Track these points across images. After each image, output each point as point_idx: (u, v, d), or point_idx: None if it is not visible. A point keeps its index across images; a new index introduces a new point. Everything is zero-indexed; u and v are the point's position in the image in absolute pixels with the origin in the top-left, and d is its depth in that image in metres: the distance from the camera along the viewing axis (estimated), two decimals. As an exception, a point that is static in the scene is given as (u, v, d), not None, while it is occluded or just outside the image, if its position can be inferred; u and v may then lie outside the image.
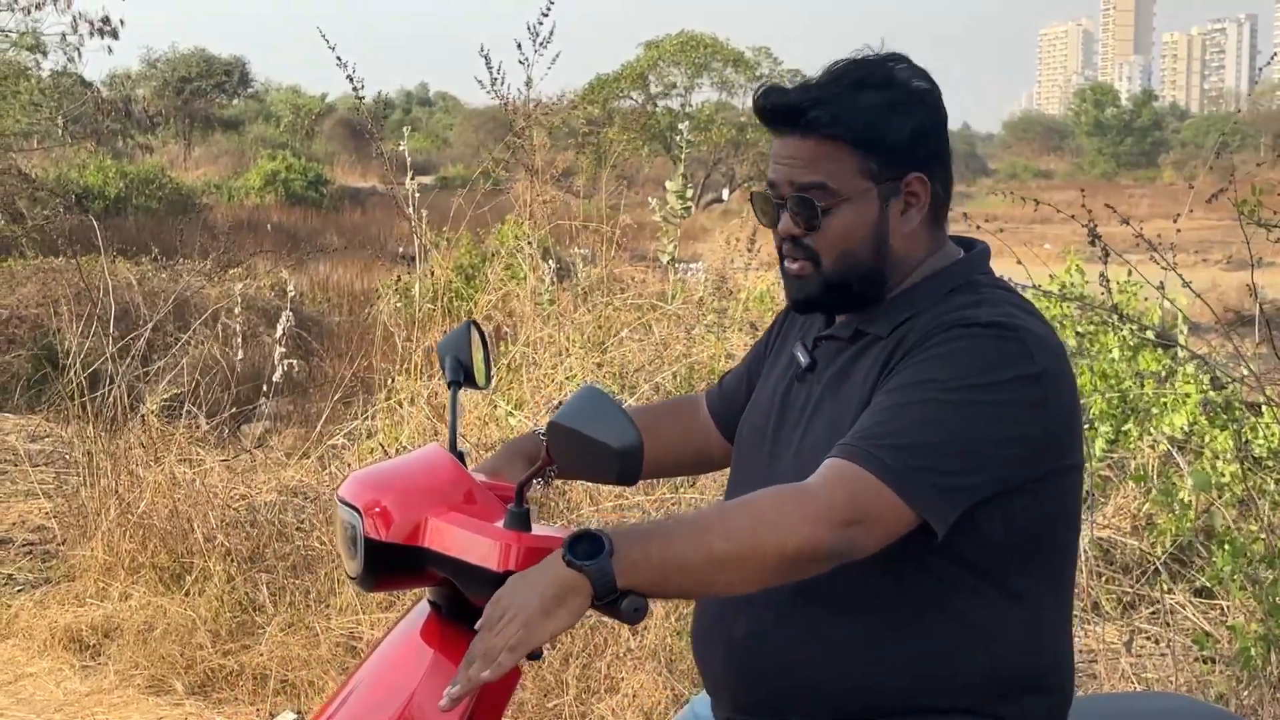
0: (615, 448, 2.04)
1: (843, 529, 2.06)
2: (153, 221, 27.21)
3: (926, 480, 2.10)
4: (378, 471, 2.43)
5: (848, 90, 2.32)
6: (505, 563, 2.17)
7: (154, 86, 53.10)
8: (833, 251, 2.35)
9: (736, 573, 2.07)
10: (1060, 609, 2.38)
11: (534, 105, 7.84)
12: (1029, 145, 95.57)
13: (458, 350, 2.67)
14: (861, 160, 2.31)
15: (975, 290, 2.34)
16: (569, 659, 5.02)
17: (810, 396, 2.43)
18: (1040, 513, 2.27)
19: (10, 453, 9.23)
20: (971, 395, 2.15)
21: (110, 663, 5.67)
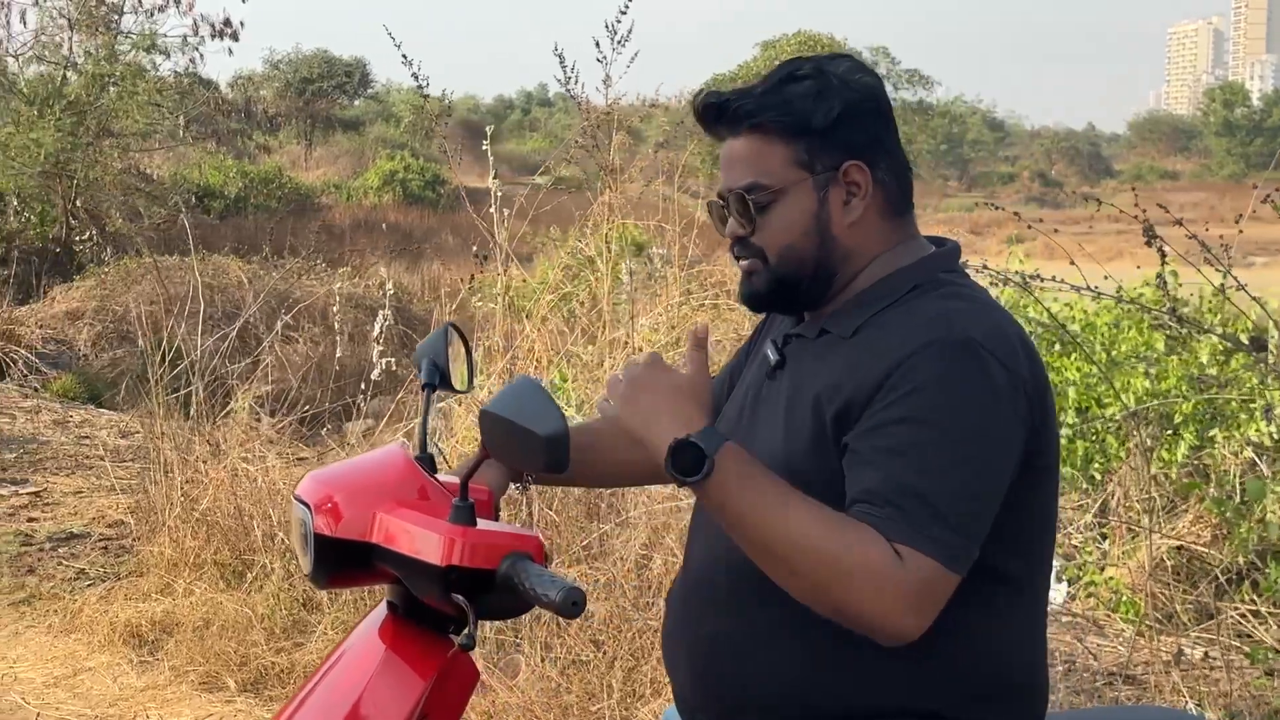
0: (541, 435, 2.01)
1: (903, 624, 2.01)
2: (270, 221, 27.57)
3: (972, 547, 2.06)
4: (333, 469, 2.41)
5: (775, 84, 2.31)
6: (448, 557, 2.13)
7: (276, 88, 53.84)
8: (776, 246, 2.31)
9: (786, 573, 2.05)
10: (1033, 613, 2.30)
11: (612, 104, 7.77)
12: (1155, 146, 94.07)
13: (434, 354, 2.66)
14: (790, 149, 2.28)
15: (938, 289, 2.27)
16: (614, 662, 4.96)
17: (779, 393, 2.37)
18: (1015, 517, 2.18)
19: (101, 447, 9.35)
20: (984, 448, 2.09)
21: (167, 659, 5.69)
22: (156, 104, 23.56)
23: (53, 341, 15.04)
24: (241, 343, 9.46)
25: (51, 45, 23.16)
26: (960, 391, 2.10)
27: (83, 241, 20.51)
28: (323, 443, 9.11)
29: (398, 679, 2.25)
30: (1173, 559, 6.09)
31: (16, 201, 20.39)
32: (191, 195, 26.55)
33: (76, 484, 8.55)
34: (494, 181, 7.90)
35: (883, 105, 2.34)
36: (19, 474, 8.76)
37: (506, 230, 7.47)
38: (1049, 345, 7.51)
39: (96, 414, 10.96)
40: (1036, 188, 67.31)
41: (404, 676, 2.25)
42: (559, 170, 11.51)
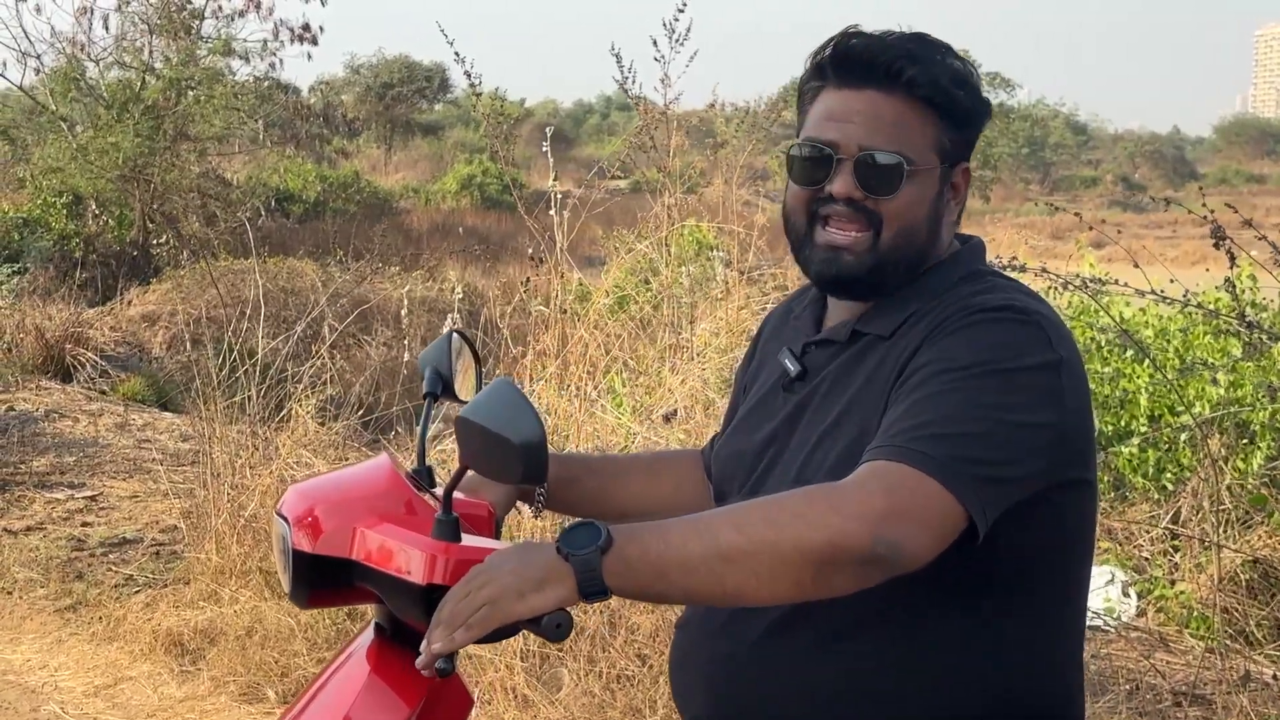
0: (516, 442, 1.87)
1: (882, 523, 1.80)
2: (349, 225, 27.68)
3: (971, 471, 1.86)
4: (315, 483, 2.28)
5: (939, 55, 2.13)
6: (430, 575, 1.99)
7: (357, 92, 54.03)
8: (897, 222, 2.12)
9: (749, 570, 1.83)
10: (1071, 635, 2.15)
11: (670, 103, 7.63)
12: (1242, 149, 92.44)
13: (437, 362, 2.52)
14: (940, 134, 2.13)
15: (981, 279, 2.13)
16: (659, 677, 4.81)
17: (804, 404, 2.19)
18: (1056, 528, 2.04)
19: (160, 451, 9.31)
20: (1000, 380, 1.93)
21: (207, 668, 5.61)
22: (235, 108, 23.64)
23: (124, 344, 15.09)
24: (309, 346, 9.39)
25: (132, 50, 23.34)
26: (990, 337, 1.97)
27: (160, 245, 20.63)
28: (386, 446, 9.02)
29: (382, 705, 2.13)
30: (1246, 573, 5.87)
31: (95, 205, 20.53)
32: (270, 199, 26.68)
33: (133, 488, 8.51)
34: (553, 184, 7.79)
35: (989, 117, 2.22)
36: (77, 478, 8.73)
37: (563, 232, 7.35)
38: (1120, 351, 7.29)
39: (158, 417, 10.93)
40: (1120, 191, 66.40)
41: (388, 703, 2.13)
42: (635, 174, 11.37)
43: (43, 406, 10.71)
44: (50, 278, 17.67)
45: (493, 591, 1.84)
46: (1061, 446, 1.97)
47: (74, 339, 13.30)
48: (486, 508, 2.39)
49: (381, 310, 15.31)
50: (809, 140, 2.16)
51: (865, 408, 2.05)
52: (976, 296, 2.04)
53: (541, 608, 1.84)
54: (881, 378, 2.05)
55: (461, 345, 2.57)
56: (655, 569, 1.83)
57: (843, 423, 2.08)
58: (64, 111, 22.49)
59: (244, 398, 7.26)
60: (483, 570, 1.88)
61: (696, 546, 1.83)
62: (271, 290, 15.52)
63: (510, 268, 25.27)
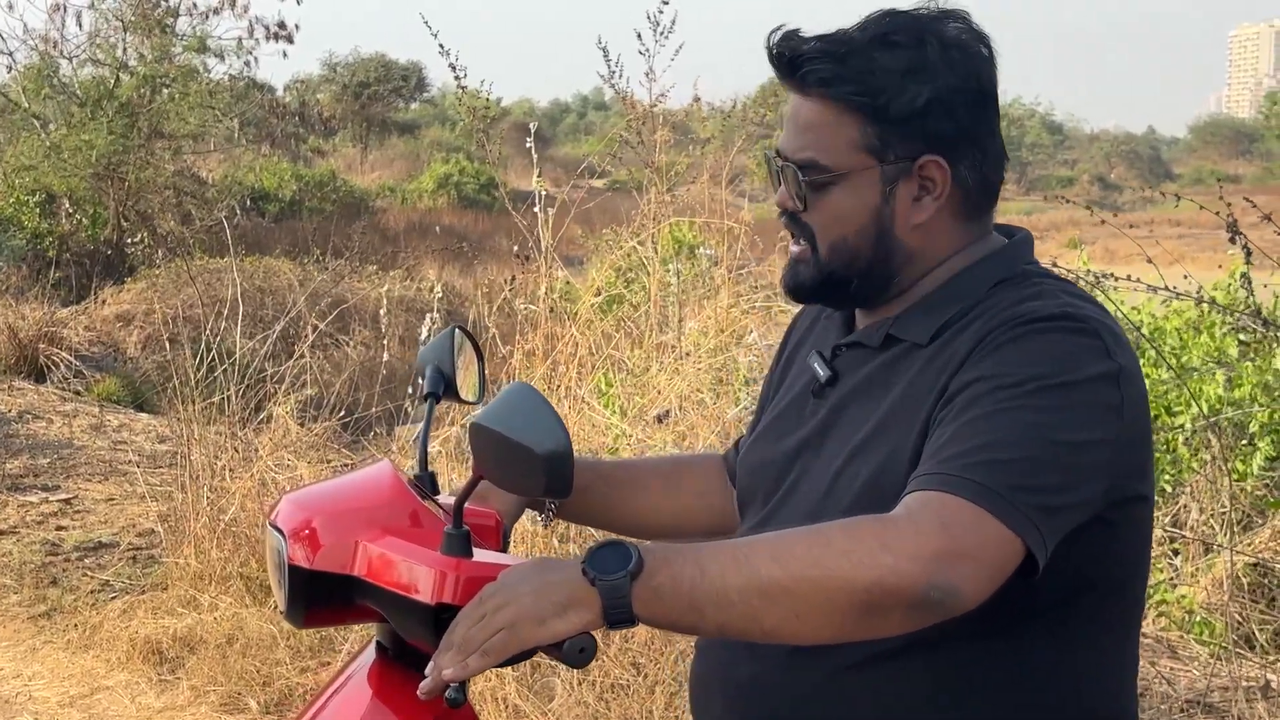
0: (539, 453, 1.72)
1: (937, 564, 1.64)
2: (325, 224, 27.48)
3: (1029, 501, 1.70)
4: (313, 491, 2.13)
5: (867, 45, 1.92)
6: (440, 594, 1.84)
7: (333, 91, 53.82)
8: (827, 236, 1.98)
9: (790, 609, 1.67)
10: (1125, 660, 2.00)
11: (656, 100, 7.49)
12: (1216, 149, 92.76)
13: (439, 360, 2.34)
14: (861, 131, 1.93)
15: (1026, 282, 1.95)
16: (655, 688, 4.67)
17: (836, 413, 2.03)
18: (1111, 548, 1.88)
19: (137, 453, 9.14)
20: (1055, 398, 1.76)
21: (187, 677, 5.45)
22: (209, 106, 23.46)
23: (98, 344, 14.90)
24: (289, 345, 9.24)
25: (106, 47, 23.14)
26: (1043, 349, 1.80)
27: (134, 244, 20.42)
28: (367, 447, 8.87)
29: None
30: (1249, 577, 5.76)
31: (69, 203, 20.30)
32: (246, 198, 26.47)
33: (109, 491, 8.33)
34: (537, 182, 7.65)
35: (985, 89, 1.97)
36: (51, 480, 8.54)
37: (548, 231, 7.20)
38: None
39: (134, 418, 10.75)
40: (1095, 191, 66.46)
41: None
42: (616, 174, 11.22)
43: (15, 408, 10.52)
44: (23, 277, 17.47)
45: (511, 614, 1.69)
46: (1121, 463, 1.82)
47: (48, 339, 13.11)
48: (494, 517, 2.24)
49: (359, 310, 15.15)
50: None
51: (902, 422, 1.90)
52: (1025, 304, 1.88)
53: (563, 633, 1.69)
54: (921, 391, 1.90)
55: (463, 341, 2.40)
56: (688, 600, 1.68)
57: (877, 437, 1.92)
58: (37, 109, 22.28)
59: (222, 398, 7.10)
60: (499, 590, 1.73)
61: (734, 579, 1.68)
62: (248, 289, 15.34)
63: (489, 267, 25.12)
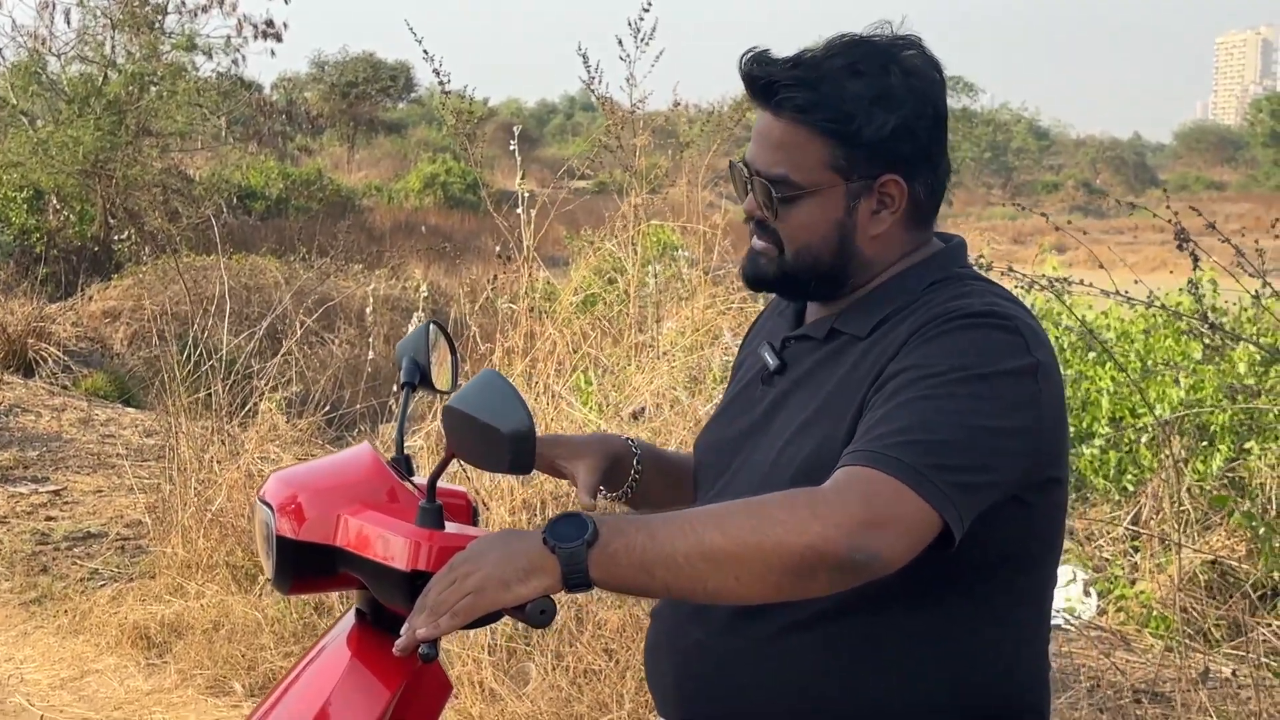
0: (505, 432, 1.91)
1: (860, 531, 1.83)
2: (312, 223, 27.56)
3: (947, 479, 1.89)
4: (298, 469, 2.32)
5: (835, 74, 2.11)
6: (414, 561, 2.03)
7: (321, 90, 53.83)
8: (793, 243, 2.18)
9: (731, 571, 1.86)
10: (1038, 632, 2.19)
11: (636, 104, 7.65)
12: (1202, 156, 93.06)
13: (415, 352, 2.54)
14: (831, 153, 2.12)
15: (958, 283, 2.15)
16: (626, 673, 4.84)
17: (780, 399, 2.23)
18: (1026, 526, 2.07)
19: (125, 446, 9.29)
20: (976, 387, 1.96)
21: (174, 661, 5.61)
22: (197, 104, 23.55)
23: (86, 339, 15.03)
24: (275, 343, 9.38)
25: (94, 44, 23.25)
26: (968, 343, 2.00)
27: (121, 241, 20.54)
28: (351, 444, 9.02)
29: (362, 690, 2.16)
30: (1205, 574, 5.94)
31: (56, 200, 20.42)
32: (233, 196, 26.54)
33: (97, 483, 8.49)
34: (520, 182, 7.80)
35: (940, 113, 2.18)
36: (40, 472, 8.71)
37: (531, 231, 7.36)
38: (1083, 353, 7.36)
39: (121, 412, 10.90)
40: (1081, 197, 66.70)
41: (369, 687, 2.16)
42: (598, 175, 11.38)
43: (5, 401, 10.66)
44: (11, 273, 17.59)
45: (479, 579, 1.87)
46: (1037, 450, 2.00)
47: (36, 334, 13.24)
48: (465, 497, 2.43)
49: (345, 308, 15.28)
50: (743, 157, 2.22)
51: (839, 407, 2.08)
52: (955, 300, 2.07)
53: (526, 596, 1.87)
54: (857, 379, 2.08)
55: (438, 336, 2.59)
56: (639, 564, 1.86)
57: (817, 420, 2.11)
58: (24, 106, 22.37)
59: (208, 394, 7.26)
60: (468, 557, 1.90)
61: (681, 544, 1.86)
62: (235, 287, 15.48)
63: (474, 267, 25.25)
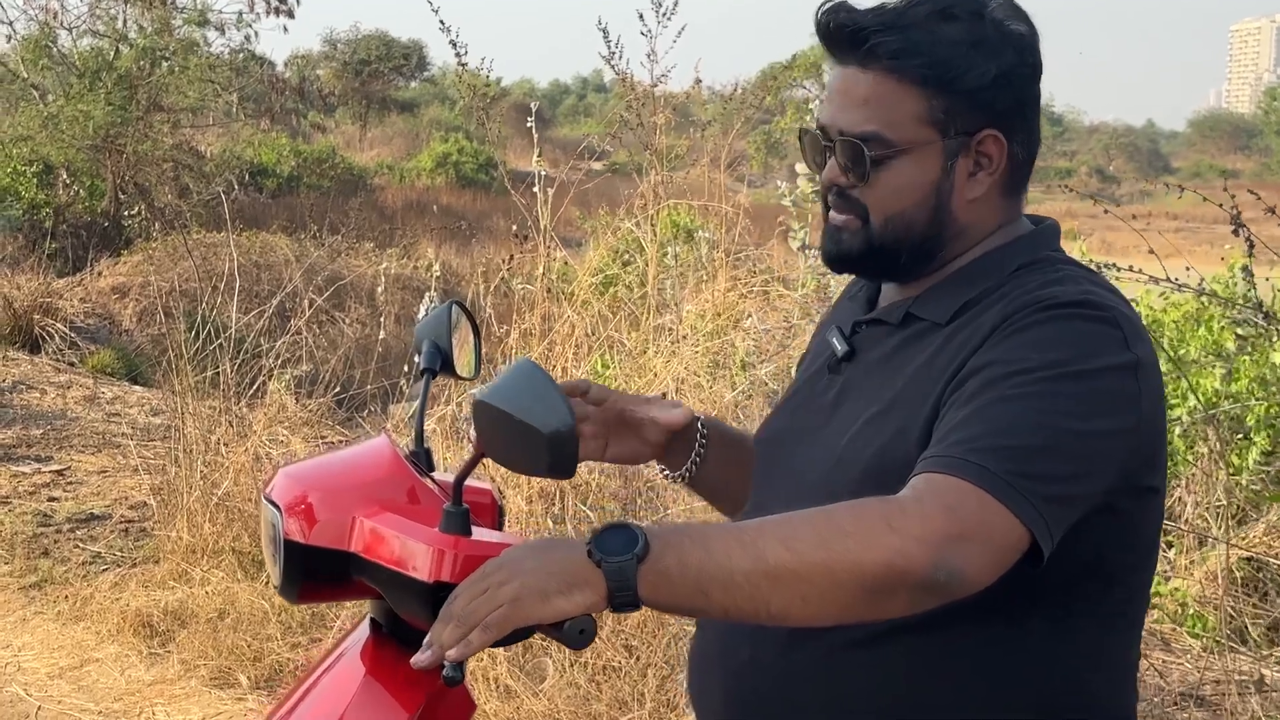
0: (545, 432, 1.70)
1: (943, 546, 1.62)
2: (323, 201, 27.43)
3: (1037, 490, 1.67)
4: (308, 466, 2.10)
5: (927, 19, 1.91)
6: (438, 572, 1.81)
7: (334, 68, 53.60)
8: (883, 210, 1.95)
9: (797, 592, 1.65)
10: (1125, 649, 1.97)
11: (658, 80, 7.45)
12: (1215, 144, 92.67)
13: (436, 335, 2.32)
14: (928, 105, 1.91)
15: (1050, 267, 1.93)
16: (647, 671, 4.65)
17: (848, 388, 2.03)
18: (1119, 538, 1.86)
19: (130, 425, 9.11)
20: (1070, 385, 1.74)
21: (177, 651, 5.43)
22: (209, 80, 23.36)
23: (94, 316, 14.85)
24: (284, 321, 9.20)
25: (105, 18, 23.05)
26: (1061, 336, 1.78)
27: (131, 216, 20.36)
28: (361, 425, 8.87)
29: (379, 711, 1.95)
30: (1242, 571, 5.75)
31: (66, 175, 20.23)
32: (244, 173, 26.37)
33: (102, 463, 8.30)
34: (537, 161, 7.62)
35: (1038, 67, 1.98)
36: (44, 451, 8.52)
37: (547, 211, 7.17)
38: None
39: (128, 390, 10.72)
40: (1094, 183, 66.37)
41: (385, 707, 1.96)
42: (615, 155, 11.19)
43: (10, 378, 10.49)
44: (19, 247, 17.42)
45: (515, 589, 1.65)
46: (1134, 455, 1.80)
47: (43, 309, 13.06)
48: (490, 495, 2.22)
49: (356, 287, 15.13)
50: (817, 122, 2.00)
51: (913, 400, 1.88)
52: (1046, 288, 1.85)
53: (566, 612, 1.66)
54: (935, 370, 1.88)
55: (460, 317, 2.38)
56: (694, 584, 1.65)
57: (887, 413, 1.90)
58: (35, 79, 22.20)
59: (216, 373, 7.06)
60: (503, 565, 1.69)
61: (741, 562, 1.65)
62: (245, 264, 15.30)
63: (486, 247, 25.07)
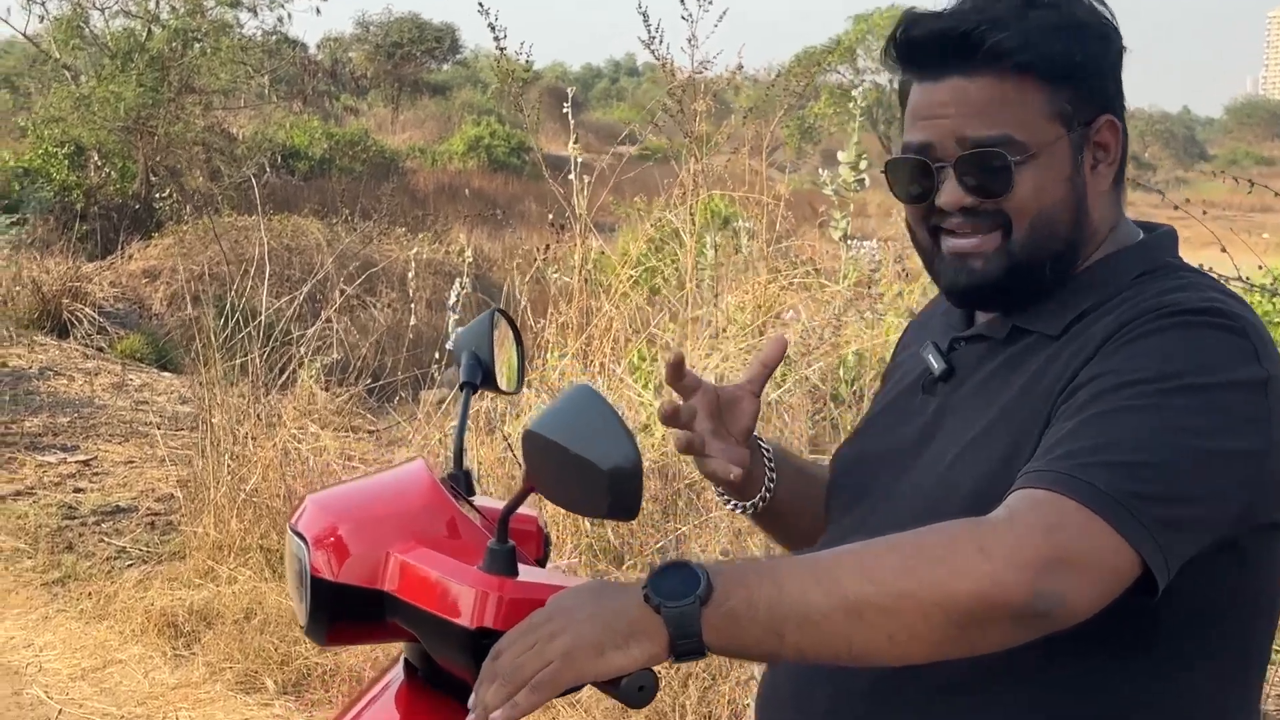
0: (604, 469, 1.50)
1: (1042, 571, 1.44)
2: (354, 184, 27.31)
3: (1150, 511, 1.49)
4: (341, 492, 1.92)
5: (1018, 10, 1.74)
6: (480, 617, 1.63)
7: (366, 50, 53.47)
8: (1027, 216, 1.76)
9: (882, 628, 1.46)
10: (1245, 702, 1.76)
11: (700, 66, 7.26)
12: (1252, 131, 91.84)
13: (477, 345, 2.12)
14: (1051, 99, 1.75)
15: (1172, 275, 1.75)
16: (688, 680, 4.48)
17: (946, 409, 1.84)
18: (1239, 579, 1.66)
19: (159, 414, 8.97)
20: (1192, 399, 1.55)
21: (203, 653, 5.27)
22: (241, 62, 23.24)
23: (124, 300, 14.72)
24: (315, 307, 9.05)
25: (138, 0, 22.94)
26: (1184, 345, 1.59)
27: (163, 199, 20.25)
28: (391, 414, 8.70)
29: None
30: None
31: (97, 156, 20.12)
32: (276, 155, 26.26)
33: (129, 453, 8.15)
34: (573, 147, 7.46)
35: (1121, 49, 1.83)
36: (70, 440, 8.38)
37: (585, 199, 6.99)
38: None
39: (157, 377, 10.58)
40: (1131, 170, 65.76)
41: None
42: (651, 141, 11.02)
43: (37, 363, 10.37)
44: (50, 229, 17.30)
45: (566, 643, 1.46)
46: (1262, 485, 1.59)
47: (72, 293, 12.93)
48: (535, 522, 2.04)
49: (387, 273, 14.98)
50: (905, 149, 1.81)
51: (1022, 418, 1.69)
52: (1170, 294, 1.67)
53: (623, 668, 1.47)
54: (1046, 384, 1.69)
55: (502, 325, 2.18)
56: (766, 625, 1.47)
57: (992, 434, 1.72)
58: (67, 60, 22.11)
59: (245, 360, 6.88)
60: (551, 616, 1.51)
61: (817, 597, 1.47)
62: (276, 248, 15.18)
63: (518, 232, 24.90)
